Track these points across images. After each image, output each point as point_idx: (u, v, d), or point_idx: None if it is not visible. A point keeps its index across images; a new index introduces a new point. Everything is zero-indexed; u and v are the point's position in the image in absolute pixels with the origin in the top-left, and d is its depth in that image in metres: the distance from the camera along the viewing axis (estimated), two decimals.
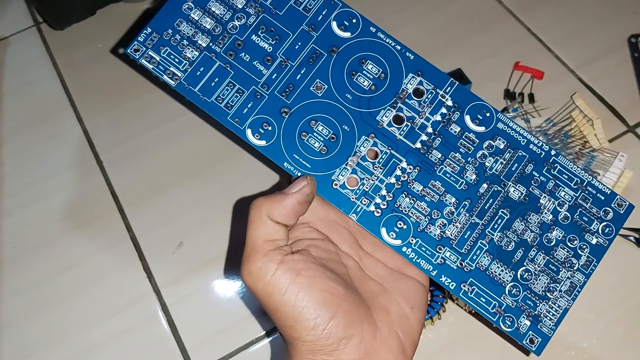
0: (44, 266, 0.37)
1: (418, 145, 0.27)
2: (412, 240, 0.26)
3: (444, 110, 0.28)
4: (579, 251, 0.27)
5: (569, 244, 0.27)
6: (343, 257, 0.27)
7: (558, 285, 0.26)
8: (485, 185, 0.27)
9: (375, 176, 0.27)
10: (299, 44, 0.28)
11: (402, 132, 0.27)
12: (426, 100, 0.28)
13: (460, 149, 0.27)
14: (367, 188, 0.27)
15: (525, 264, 0.27)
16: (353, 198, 0.27)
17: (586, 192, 0.27)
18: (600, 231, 0.27)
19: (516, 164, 0.27)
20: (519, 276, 0.26)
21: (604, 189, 0.27)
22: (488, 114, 0.28)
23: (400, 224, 0.26)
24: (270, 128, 0.27)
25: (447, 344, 0.34)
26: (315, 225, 0.28)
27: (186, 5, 0.27)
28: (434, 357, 0.33)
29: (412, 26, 0.44)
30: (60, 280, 0.37)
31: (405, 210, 0.27)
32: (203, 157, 0.41)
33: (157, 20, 0.27)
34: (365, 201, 0.27)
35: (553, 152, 0.28)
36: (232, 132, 0.27)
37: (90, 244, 0.38)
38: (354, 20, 0.28)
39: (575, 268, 0.27)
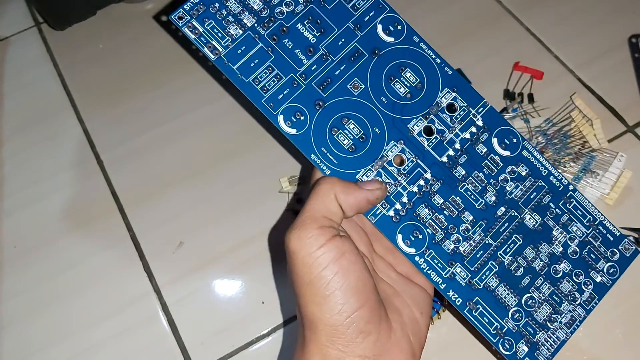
0: (44, 266, 0.37)
1: (444, 159, 0.28)
2: (426, 251, 0.27)
3: (473, 129, 0.28)
4: (583, 287, 0.28)
5: (574, 278, 0.28)
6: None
7: (559, 316, 0.27)
8: (503, 209, 0.28)
9: (399, 182, 0.27)
10: (343, 40, 0.28)
11: (430, 144, 0.28)
12: (458, 116, 0.28)
13: (484, 170, 0.28)
14: (389, 192, 0.27)
15: (530, 291, 0.27)
16: None
17: (597, 230, 0.28)
18: (605, 270, 0.28)
19: (535, 193, 0.28)
20: (523, 302, 0.27)
21: (614, 230, 0.28)
22: (515, 140, 0.28)
23: (416, 233, 0.27)
24: (302, 118, 0.27)
25: (447, 344, 0.34)
26: None
27: None
28: (433, 357, 0.33)
29: (412, 26, 0.44)
30: (60, 280, 0.37)
31: (423, 221, 0.27)
32: (203, 157, 0.41)
33: None
34: (385, 205, 0.27)
35: (571, 187, 0.28)
36: (259, 118, 0.26)
37: (90, 244, 0.38)
38: (399, 27, 0.29)
39: (577, 302, 0.27)
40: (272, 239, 0.37)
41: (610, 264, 0.28)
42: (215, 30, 0.27)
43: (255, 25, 0.27)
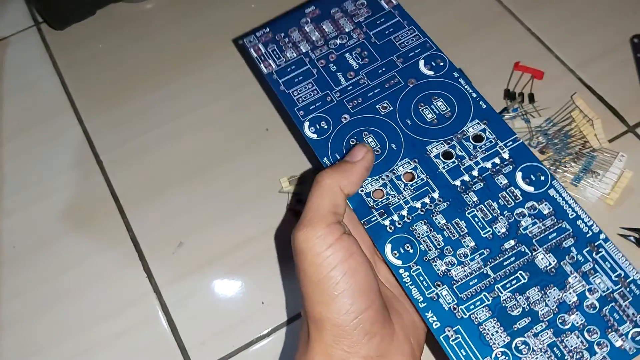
0: (44, 266, 0.37)
1: (457, 182, 0.27)
2: (414, 266, 0.25)
3: (497, 160, 0.27)
4: (596, 347, 0.23)
5: (586, 334, 0.24)
6: None
7: None
8: (512, 242, 0.25)
9: (402, 196, 0.27)
10: (383, 69, 0.30)
11: (446, 167, 0.27)
12: (483, 146, 0.28)
13: (500, 200, 0.26)
14: (390, 204, 0.27)
15: (526, 335, 0.24)
16: (372, 207, 0.27)
17: (628, 289, 0.24)
18: (630, 336, 0.24)
19: (555, 234, 0.25)
20: (513, 345, 0.24)
21: None
22: (543, 178, 0.27)
23: (407, 247, 0.26)
24: (326, 127, 0.29)
25: None
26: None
27: (304, 20, 0.32)
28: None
29: None
30: (60, 280, 0.37)
31: (419, 236, 0.26)
32: (203, 158, 0.41)
33: (277, 24, 0.32)
34: (382, 214, 0.27)
35: (602, 237, 0.25)
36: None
37: (90, 244, 0.38)
38: (442, 64, 0.30)
39: None
40: (275, 238, 0.37)
41: (638, 329, 0.24)
42: (274, 52, 0.32)
43: (309, 51, 0.31)
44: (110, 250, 0.38)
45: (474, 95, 0.29)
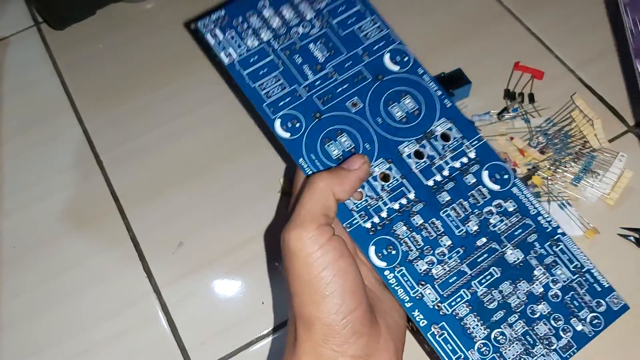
0: (44, 266, 0.37)
1: (430, 183, 0.28)
2: (398, 267, 0.26)
3: (464, 159, 0.28)
4: (561, 332, 0.26)
5: (552, 322, 0.26)
6: None
7: (531, 359, 0.25)
8: (484, 239, 0.27)
9: (381, 198, 0.27)
10: (350, 62, 0.29)
11: (418, 167, 0.28)
12: (450, 145, 0.28)
13: (470, 199, 0.27)
14: (369, 205, 0.27)
15: (502, 326, 0.26)
16: (353, 210, 0.27)
17: (584, 278, 0.27)
18: (588, 320, 0.26)
19: (520, 230, 0.27)
20: (492, 336, 0.26)
21: (603, 281, 0.27)
22: (506, 177, 0.28)
23: (390, 248, 0.27)
24: (298, 125, 0.28)
25: None
26: None
27: (262, 3, 0.30)
28: None
29: (412, 26, 0.44)
30: (60, 280, 0.37)
31: (399, 238, 0.27)
32: (203, 158, 0.41)
33: (233, 7, 0.30)
34: (363, 217, 0.27)
35: (560, 231, 0.27)
36: (258, 122, 0.27)
37: (90, 244, 0.38)
38: (406, 59, 0.30)
39: (552, 348, 0.26)
40: (275, 238, 0.37)
41: (594, 314, 0.26)
42: (234, 39, 0.29)
43: (271, 40, 0.29)
44: (110, 250, 0.38)
45: (439, 93, 0.29)
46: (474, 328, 0.26)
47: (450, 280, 0.26)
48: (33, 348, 0.35)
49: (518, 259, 0.27)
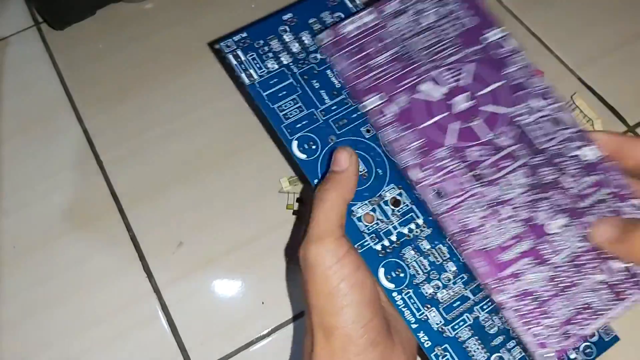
0: (44, 266, 0.37)
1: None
2: (405, 290, 0.27)
3: None
4: None
5: None
6: None
7: None
8: None
9: (391, 222, 0.28)
10: None
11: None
12: None
13: None
14: (380, 229, 0.28)
15: (501, 351, 0.27)
16: (364, 232, 0.27)
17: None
18: (581, 349, 0.28)
19: None
20: None
21: None
22: None
23: (398, 271, 0.27)
24: (314, 147, 0.29)
25: None
26: None
27: (283, 28, 0.31)
28: None
29: None
30: (60, 280, 0.37)
31: (407, 261, 0.27)
32: (203, 157, 0.41)
33: (255, 30, 0.31)
34: (374, 239, 0.27)
35: None
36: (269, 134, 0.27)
37: (90, 244, 0.38)
38: None
39: None
40: (275, 239, 0.37)
41: (587, 344, 0.28)
42: (255, 61, 0.30)
43: (291, 63, 0.30)
44: (110, 250, 0.38)
45: None
46: (475, 351, 0.27)
47: (454, 305, 0.27)
48: (33, 348, 0.35)
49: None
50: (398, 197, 0.28)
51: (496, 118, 0.27)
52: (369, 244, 0.27)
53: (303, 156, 0.29)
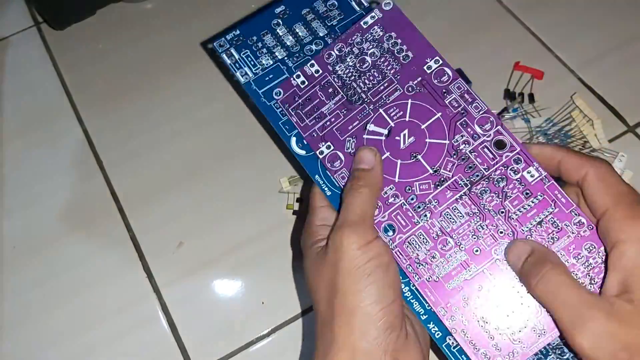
0: (44, 266, 0.37)
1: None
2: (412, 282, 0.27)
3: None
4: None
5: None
6: None
7: None
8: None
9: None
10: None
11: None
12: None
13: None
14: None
15: None
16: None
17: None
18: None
19: None
20: None
21: None
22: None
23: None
24: None
25: None
26: None
27: (275, 22, 0.31)
28: None
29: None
30: (60, 280, 0.37)
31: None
32: (203, 158, 0.41)
33: (247, 27, 0.31)
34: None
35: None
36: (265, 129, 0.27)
37: (90, 244, 0.38)
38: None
39: (564, 357, 0.26)
40: (275, 238, 0.37)
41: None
42: (249, 58, 0.30)
43: (285, 58, 0.30)
44: (110, 250, 0.38)
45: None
46: None
47: None
48: (33, 348, 0.35)
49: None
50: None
51: (439, 149, 0.27)
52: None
53: (302, 152, 0.29)
